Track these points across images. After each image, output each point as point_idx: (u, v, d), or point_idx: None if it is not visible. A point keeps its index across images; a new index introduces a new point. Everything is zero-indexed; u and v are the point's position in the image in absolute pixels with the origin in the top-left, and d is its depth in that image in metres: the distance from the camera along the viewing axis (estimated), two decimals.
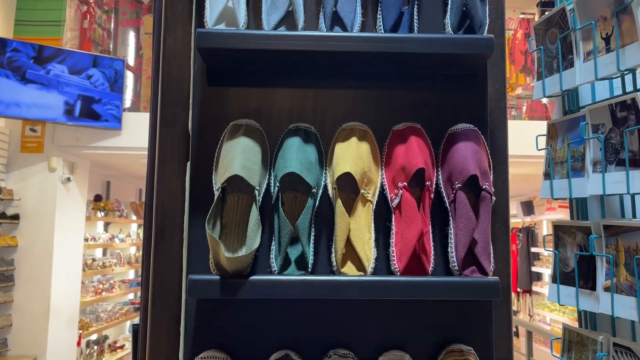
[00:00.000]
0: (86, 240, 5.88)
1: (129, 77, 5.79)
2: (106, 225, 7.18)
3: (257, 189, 1.02)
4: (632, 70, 1.02)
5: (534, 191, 8.49)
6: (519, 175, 6.40)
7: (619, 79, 1.09)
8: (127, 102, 5.73)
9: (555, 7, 1.14)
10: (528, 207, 8.76)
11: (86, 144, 5.08)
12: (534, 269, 7.78)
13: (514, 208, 8.91)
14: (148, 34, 5.75)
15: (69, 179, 5.20)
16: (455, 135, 1.08)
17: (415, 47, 1.03)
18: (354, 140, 1.08)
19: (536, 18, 6.71)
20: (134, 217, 7.81)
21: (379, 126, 1.12)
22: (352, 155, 1.05)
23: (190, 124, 1.13)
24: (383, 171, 1.09)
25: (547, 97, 1.18)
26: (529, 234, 8.03)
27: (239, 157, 1.02)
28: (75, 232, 5.43)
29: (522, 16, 6.71)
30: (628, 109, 0.96)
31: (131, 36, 6.41)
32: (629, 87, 1.09)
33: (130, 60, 6.20)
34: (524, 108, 6.91)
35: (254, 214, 1.01)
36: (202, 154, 1.12)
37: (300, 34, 1.04)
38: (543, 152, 1.27)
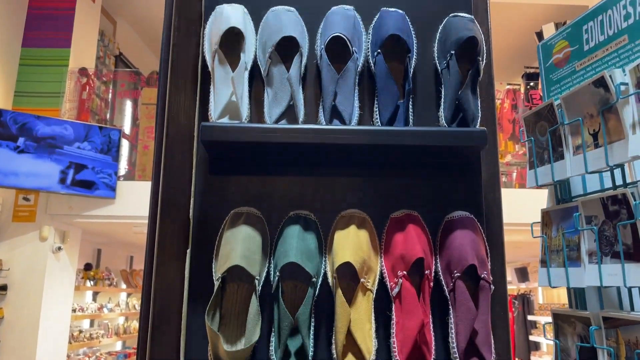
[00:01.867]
0: (74, 310, 5.73)
1: (125, 146, 5.86)
2: (95, 294, 7.02)
3: (257, 279, 1.02)
4: (621, 165, 1.06)
5: (528, 257, 8.46)
6: (511, 243, 6.41)
7: (609, 171, 1.13)
8: (122, 171, 5.77)
9: (544, 103, 1.19)
10: (522, 274, 8.71)
11: (79, 212, 5.06)
12: (531, 337, 7.61)
13: (508, 274, 8.84)
14: (145, 105, 5.87)
15: (59, 248, 5.14)
16: (452, 223, 1.10)
17: (411, 139, 1.07)
18: (352, 228, 1.09)
19: (522, 89, 6.98)
20: (123, 286, 7.65)
21: (377, 213, 1.14)
22: (351, 243, 1.06)
23: (191, 211, 1.15)
24: (382, 259, 1.10)
25: (540, 186, 1.22)
26: (525, 301, 7.93)
27: (239, 246, 1.03)
28: (63, 303, 5.31)
29: (508, 87, 6.96)
30: (619, 203, 0.99)
31: (128, 105, 6.54)
32: (619, 181, 1.12)
33: (127, 129, 6.29)
34: (514, 175, 7.02)
35: (254, 304, 1.01)
36: (203, 241, 1.12)
37: (301, 127, 1.07)
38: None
